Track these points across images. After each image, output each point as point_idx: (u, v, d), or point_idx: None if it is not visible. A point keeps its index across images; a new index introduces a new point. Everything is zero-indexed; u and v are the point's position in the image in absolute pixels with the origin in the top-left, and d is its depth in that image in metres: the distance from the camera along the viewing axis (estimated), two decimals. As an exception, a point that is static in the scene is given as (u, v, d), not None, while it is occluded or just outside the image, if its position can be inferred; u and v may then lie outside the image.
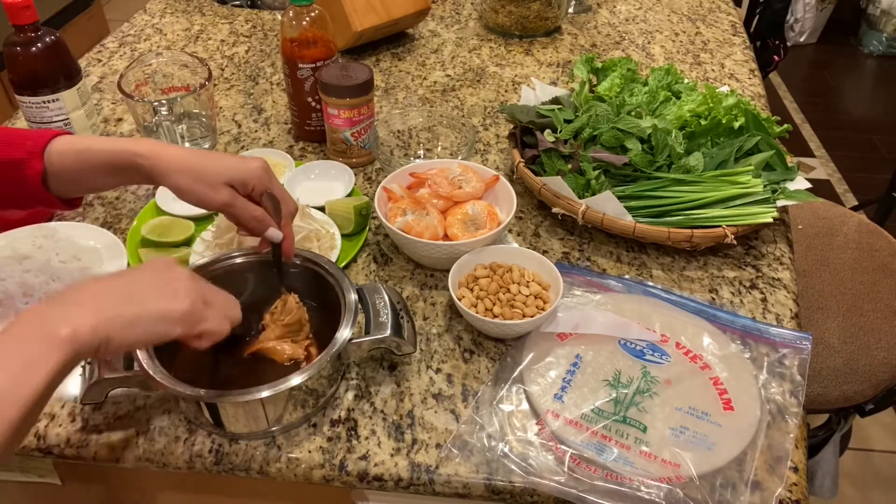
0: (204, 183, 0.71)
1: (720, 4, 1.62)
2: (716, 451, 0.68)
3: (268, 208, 0.74)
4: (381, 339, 0.71)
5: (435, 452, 0.70)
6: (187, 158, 0.71)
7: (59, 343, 0.52)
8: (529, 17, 1.43)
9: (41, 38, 0.94)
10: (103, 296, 0.56)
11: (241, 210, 0.72)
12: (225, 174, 0.71)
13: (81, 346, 0.53)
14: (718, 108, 0.98)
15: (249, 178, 0.72)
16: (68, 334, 0.52)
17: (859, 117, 3.05)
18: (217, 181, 0.71)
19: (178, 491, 0.82)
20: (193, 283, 0.61)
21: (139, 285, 0.59)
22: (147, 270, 0.61)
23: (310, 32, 1.04)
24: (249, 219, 0.73)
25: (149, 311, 0.57)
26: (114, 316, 0.55)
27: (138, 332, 0.56)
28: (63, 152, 0.70)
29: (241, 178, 0.72)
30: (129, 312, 0.56)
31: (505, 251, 0.86)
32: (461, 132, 1.09)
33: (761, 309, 0.86)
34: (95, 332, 0.53)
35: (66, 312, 0.54)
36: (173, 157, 0.71)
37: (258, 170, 0.73)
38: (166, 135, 1.03)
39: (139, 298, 0.57)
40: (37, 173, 0.70)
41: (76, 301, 0.55)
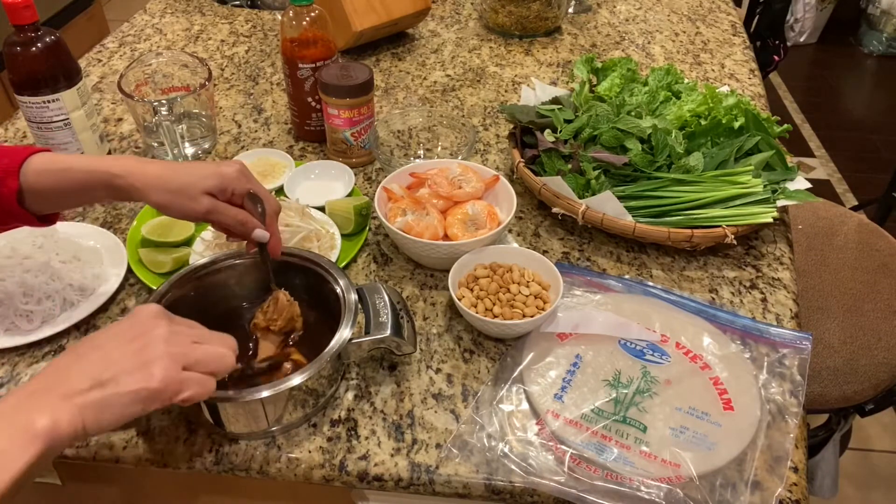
0: (183, 196, 0.70)
1: (720, 4, 1.62)
2: (716, 451, 0.68)
3: (250, 210, 0.74)
4: (381, 339, 0.71)
5: (435, 452, 0.70)
6: (163, 174, 0.71)
7: (34, 436, 0.50)
8: (529, 17, 1.43)
9: (41, 38, 0.94)
10: (72, 380, 0.53)
11: (224, 216, 0.72)
12: (202, 184, 0.71)
13: (58, 439, 0.51)
14: (718, 108, 0.98)
15: (227, 183, 0.72)
16: (45, 427, 0.50)
17: (859, 117, 3.05)
18: (196, 192, 0.71)
19: (178, 491, 0.82)
20: (170, 345, 0.57)
21: (108, 359, 0.55)
22: (120, 335, 0.58)
23: (310, 32, 1.04)
24: (234, 223, 0.73)
25: (119, 394, 0.53)
26: (85, 404, 0.52)
27: (111, 416, 0.54)
28: (40, 171, 0.69)
29: (219, 185, 0.72)
30: (98, 397, 0.53)
31: (505, 251, 0.86)
32: (461, 132, 1.09)
33: (761, 309, 0.86)
34: (72, 422, 0.52)
35: (40, 403, 0.52)
36: (150, 174, 0.70)
37: (235, 173, 0.73)
38: (166, 135, 1.03)
39: (108, 378, 0.54)
40: (11, 192, 0.69)
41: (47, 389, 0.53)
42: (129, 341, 0.57)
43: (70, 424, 0.52)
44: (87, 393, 0.53)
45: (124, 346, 0.56)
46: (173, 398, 0.56)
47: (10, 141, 1.14)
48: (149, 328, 0.58)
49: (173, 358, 0.56)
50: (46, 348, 0.80)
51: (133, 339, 0.57)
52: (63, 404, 0.52)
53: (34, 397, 0.52)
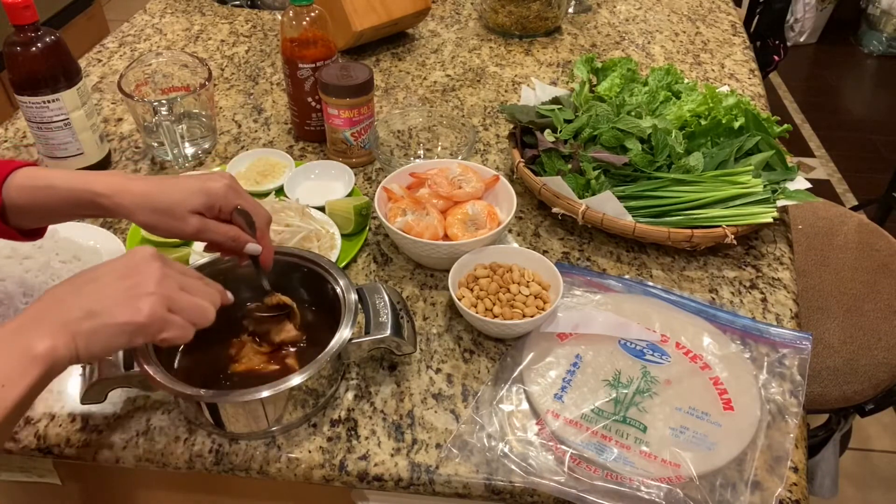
0: (170, 216, 0.69)
1: (720, 4, 1.62)
2: (716, 451, 0.68)
3: (239, 224, 0.72)
4: (381, 339, 0.71)
5: (435, 452, 0.70)
6: (149, 192, 0.69)
7: (35, 359, 0.53)
8: (529, 17, 1.43)
9: (41, 38, 0.94)
10: (68, 309, 0.57)
11: (214, 234, 0.71)
12: (190, 202, 0.70)
13: (57, 361, 0.54)
14: (718, 108, 0.98)
15: (215, 200, 0.71)
16: (45, 350, 0.54)
17: (859, 117, 3.05)
18: (183, 211, 0.69)
19: (179, 491, 0.82)
20: (160, 287, 0.60)
21: (102, 293, 0.58)
22: (115, 271, 0.60)
23: (310, 32, 1.04)
24: (225, 240, 0.72)
25: (108, 324, 0.57)
26: (79, 331, 0.56)
27: (101, 344, 0.57)
28: (22, 187, 0.68)
29: (207, 202, 0.70)
30: (90, 326, 0.56)
31: (505, 251, 0.86)
32: (461, 132, 1.09)
33: (761, 309, 0.86)
34: (68, 347, 0.55)
35: (39, 328, 0.55)
36: (135, 193, 0.69)
37: (223, 188, 0.71)
38: (166, 135, 1.03)
39: (99, 309, 0.57)
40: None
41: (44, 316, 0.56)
42: (122, 277, 0.59)
43: (66, 348, 0.55)
44: (81, 321, 0.56)
45: (117, 281, 0.59)
46: (156, 335, 0.59)
47: (9, 141, 1.14)
48: (142, 267, 0.60)
49: (161, 298, 0.59)
50: (46, 348, 0.80)
51: (126, 276, 0.60)
52: (60, 330, 0.55)
53: (33, 323, 0.55)
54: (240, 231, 0.72)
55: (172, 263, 0.63)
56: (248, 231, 0.73)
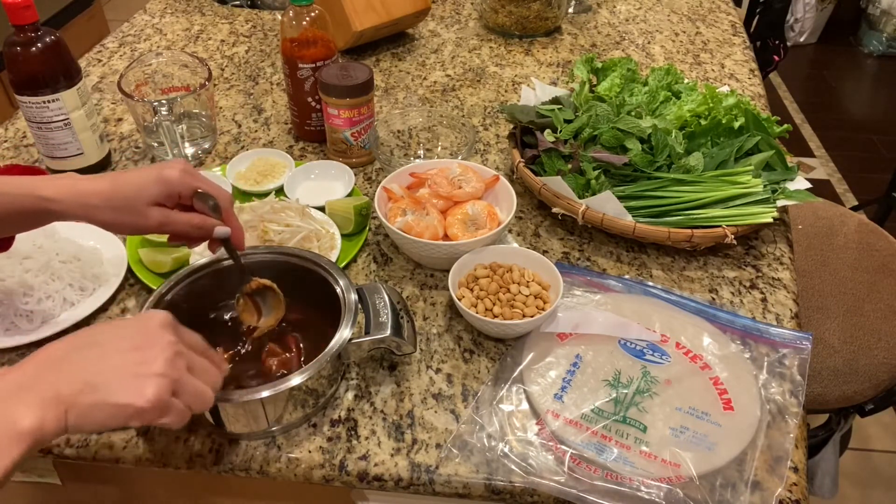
0: (127, 212, 0.67)
1: (720, 4, 1.62)
2: (716, 451, 0.68)
3: (202, 209, 0.70)
4: (381, 339, 0.71)
5: (435, 452, 0.70)
6: (102, 191, 0.66)
7: (20, 435, 0.49)
8: (529, 17, 1.43)
9: (41, 38, 0.94)
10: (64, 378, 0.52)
11: (179, 225, 0.69)
12: (145, 195, 0.67)
13: (42, 437, 0.50)
14: (718, 108, 0.98)
15: (171, 188, 0.68)
16: (32, 425, 0.49)
17: (859, 117, 3.05)
18: (140, 205, 0.67)
19: (178, 491, 0.82)
20: (170, 366, 0.55)
21: (105, 363, 0.53)
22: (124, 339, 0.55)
23: (310, 32, 1.04)
24: (190, 229, 0.69)
25: (106, 402, 0.52)
26: (73, 405, 0.51)
27: (93, 422, 0.52)
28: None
29: (165, 191, 0.68)
30: (87, 401, 0.51)
31: (505, 251, 0.86)
32: (461, 132, 1.09)
33: (761, 309, 0.86)
34: (57, 420, 0.50)
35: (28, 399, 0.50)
36: (87, 193, 0.66)
37: (179, 174, 0.68)
38: (166, 135, 1.03)
39: (99, 383, 0.52)
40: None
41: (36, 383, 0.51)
42: (131, 349, 0.55)
43: (55, 422, 0.50)
44: (77, 395, 0.51)
45: (125, 353, 0.54)
46: (154, 420, 0.54)
47: (9, 141, 1.14)
48: (154, 340, 0.56)
49: (169, 382, 0.54)
50: (46, 348, 0.80)
51: (136, 349, 0.55)
52: (51, 403, 0.50)
53: (22, 391, 0.51)
54: (204, 217, 0.70)
55: (183, 333, 0.59)
56: (213, 215, 0.71)
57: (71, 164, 1.03)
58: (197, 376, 0.57)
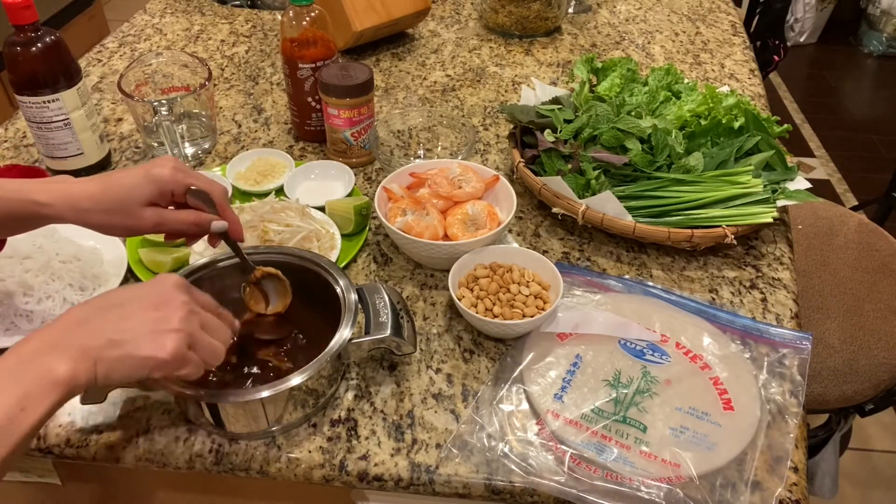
0: (121, 214, 0.67)
1: (720, 4, 1.62)
2: (716, 451, 0.68)
3: (196, 205, 0.71)
4: (381, 339, 0.71)
5: (435, 452, 0.70)
6: (94, 194, 0.67)
7: (55, 383, 0.52)
8: (529, 17, 1.43)
9: (41, 38, 0.94)
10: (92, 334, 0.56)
11: (174, 224, 0.70)
12: (138, 196, 0.68)
13: (76, 386, 0.53)
14: (718, 108, 0.98)
15: (164, 186, 0.69)
16: (66, 374, 0.53)
17: (859, 117, 3.05)
18: (133, 206, 0.67)
19: (178, 491, 0.82)
20: (185, 324, 0.59)
21: (127, 321, 0.57)
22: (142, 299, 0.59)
23: (310, 32, 1.04)
24: (186, 227, 0.70)
25: (131, 355, 0.56)
26: (100, 358, 0.55)
27: (120, 374, 0.56)
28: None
29: (157, 191, 0.68)
30: (113, 355, 0.55)
31: (505, 251, 0.86)
32: (461, 132, 1.09)
33: (761, 309, 0.86)
34: (87, 372, 0.54)
35: (61, 350, 0.54)
36: (79, 196, 0.67)
37: (170, 172, 0.69)
38: (166, 135, 1.03)
39: (124, 339, 0.56)
40: None
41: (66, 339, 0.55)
42: (150, 308, 0.58)
43: (85, 374, 0.54)
44: (104, 349, 0.55)
45: (145, 311, 0.58)
46: (174, 372, 0.59)
47: (9, 141, 1.14)
48: (170, 299, 0.59)
49: (185, 336, 0.58)
50: (46, 348, 0.80)
51: (155, 307, 0.58)
52: (81, 355, 0.54)
53: (54, 346, 0.54)
54: (199, 214, 0.71)
55: (196, 294, 0.63)
56: (209, 210, 0.71)
57: (71, 164, 1.03)
58: (209, 333, 0.62)
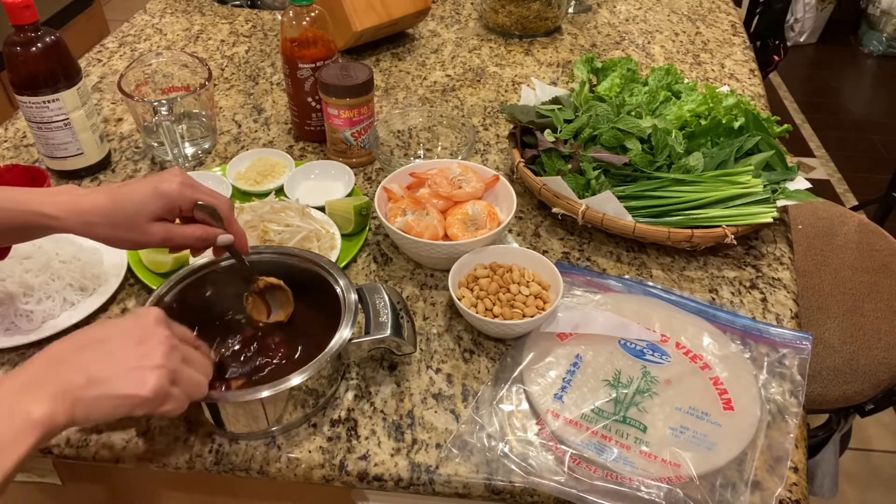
0: (128, 228, 0.67)
1: (720, 4, 1.62)
2: (716, 451, 0.68)
3: (203, 219, 0.71)
4: (381, 339, 0.71)
5: (435, 452, 0.70)
6: (101, 207, 0.67)
7: (32, 425, 0.51)
8: (529, 17, 1.43)
9: (41, 38, 0.93)
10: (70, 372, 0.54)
11: (181, 238, 0.69)
12: (146, 211, 0.67)
13: (53, 428, 0.52)
14: (718, 108, 0.98)
15: (172, 202, 0.68)
16: (43, 416, 0.51)
17: (859, 117, 3.05)
18: (141, 222, 0.67)
19: (178, 491, 0.82)
20: (167, 360, 0.58)
21: (107, 358, 0.56)
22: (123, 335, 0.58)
23: (310, 32, 1.04)
24: (193, 242, 0.70)
25: (111, 394, 0.55)
26: (79, 398, 0.54)
27: (100, 413, 0.55)
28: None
29: (165, 206, 0.68)
30: (92, 394, 0.54)
31: (505, 251, 0.86)
32: (461, 132, 1.09)
33: (761, 309, 0.86)
34: (66, 413, 0.53)
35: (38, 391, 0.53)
36: (88, 210, 0.66)
37: (178, 187, 0.68)
38: (166, 135, 1.03)
39: (103, 378, 0.55)
40: None
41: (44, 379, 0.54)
42: (132, 344, 0.57)
43: (64, 415, 0.53)
44: (83, 388, 0.54)
45: (127, 348, 0.57)
46: (156, 409, 0.58)
47: (9, 141, 1.14)
48: (152, 335, 0.59)
49: (167, 372, 0.57)
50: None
51: (137, 343, 0.58)
52: (60, 396, 0.53)
53: (31, 386, 0.53)
54: (206, 228, 0.71)
55: (175, 328, 0.62)
56: (215, 224, 0.71)
57: (71, 164, 1.03)
58: (191, 366, 0.61)
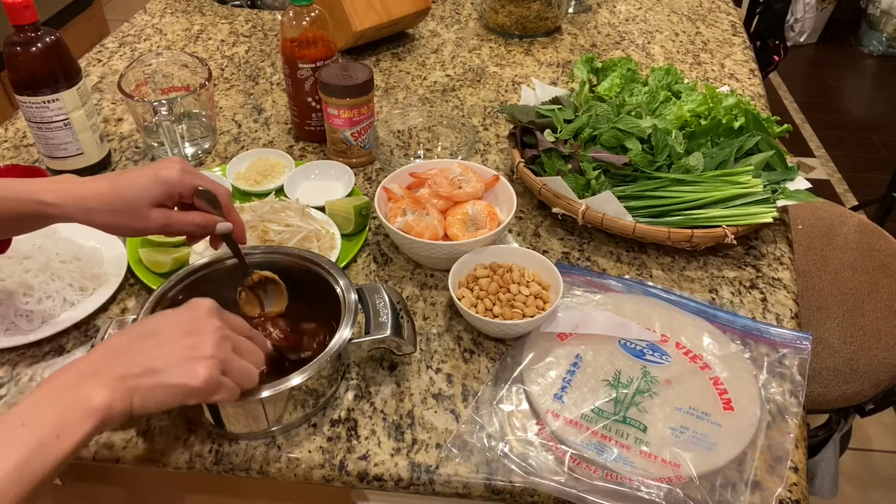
0: (128, 214, 0.67)
1: (720, 4, 1.62)
2: (716, 451, 0.68)
3: (202, 207, 0.71)
4: (381, 339, 0.71)
5: (435, 452, 0.70)
6: (101, 193, 0.67)
7: (91, 411, 0.53)
8: (529, 17, 1.43)
9: (41, 38, 0.94)
10: (127, 363, 0.56)
11: (181, 225, 0.70)
12: (147, 197, 0.68)
13: (110, 416, 0.54)
14: (718, 108, 0.98)
15: (172, 188, 0.69)
16: (102, 403, 0.53)
17: (859, 117, 3.05)
18: (141, 207, 0.67)
19: (178, 491, 0.82)
20: (218, 350, 0.59)
21: (162, 350, 0.58)
22: (176, 326, 0.59)
23: (310, 32, 1.04)
24: (192, 228, 0.70)
25: (166, 384, 0.56)
26: (136, 387, 0.55)
27: (155, 402, 0.56)
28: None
29: (165, 192, 0.69)
30: (148, 383, 0.56)
31: (505, 251, 0.86)
32: (461, 132, 1.09)
33: (761, 309, 0.86)
34: (123, 401, 0.54)
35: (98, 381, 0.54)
36: (87, 196, 0.67)
37: (178, 174, 0.69)
38: (166, 135, 1.03)
39: (159, 367, 0.56)
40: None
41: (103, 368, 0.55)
42: (183, 335, 0.59)
43: (122, 403, 0.54)
44: (139, 378, 0.55)
45: (179, 339, 0.58)
46: (208, 398, 0.59)
47: (9, 141, 1.14)
48: (203, 326, 0.60)
49: (217, 362, 0.59)
50: (46, 348, 0.80)
51: (188, 334, 0.59)
52: (118, 385, 0.54)
53: (91, 376, 0.55)
54: (205, 215, 0.71)
55: (227, 318, 0.63)
56: (214, 211, 0.72)
57: (71, 164, 1.03)
58: (242, 356, 0.62)
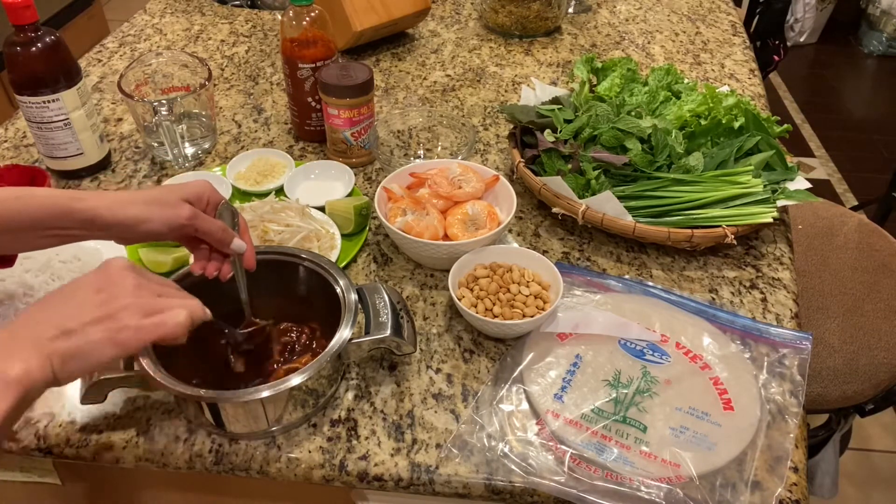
0: (160, 204, 0.68)
1: (720, 4, 1.62)
2: (716, 451, 0.68)
3: (225, 220, 0.72)
4: (381, 339, 0.71)
5: (435, 452, 0.70)
6: (131, 193, 0.69)
7: (9, 384, 0.51)
8: (529, 17, 1.43)
9: (41, 38, 0.94)
10: (39, 328, 0.54)
11: (206, 222, 0.70)
12: (179, 192, 0.69)
13: (31, 385, 0.52)
14: (718, 108, 0.98)
15: (202, 192, 0.71)
16: (18, 375, 0.52)
17: (859, 117, 3.05)
18: (174, 199, 0.68)
19: (178, 491, 0.82)
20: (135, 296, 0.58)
21: (74, 310, 0.56)
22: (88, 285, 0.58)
23: (310, 32, 1.04)
24: (215, 230, 0.71)
25: (84, 342, 0.55)
26: (53, 352, 0.54)
27: (79, 365, 0.55)
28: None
29: (196, 193, 0.70)
30: (65, 346, 0.54)
31: (505, 251, 0.86)
32: (461, 132, 1.09)
33: (761, 309, 0.86)
34: (42, 368, 0.53)
35: (10, 351, 0.53)
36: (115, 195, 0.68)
37: (208, 184, 0.72)
38: (166, 135, 1.03)
39: (73, 327, 0.55)
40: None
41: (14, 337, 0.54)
42: (95, 291, 0.58)
43: (41, 370, 0.53)
44: (54, 341, 0.54)
45: (91, 296, 0.57)
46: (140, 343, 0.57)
47: (9, 141, 1.14)
48: (115, 279, 0.59)
49: (135, 307, 0.57)
50: (46, 348, 0.80)
51: (99, 290, 0.58)
52: (32, 352, 0.53)
53: (3, 347, 0.53)
54: (226, 227, 0.72)
55: (148, 275, 0.62)
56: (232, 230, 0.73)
57: (71, 164, 1.03)
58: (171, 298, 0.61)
